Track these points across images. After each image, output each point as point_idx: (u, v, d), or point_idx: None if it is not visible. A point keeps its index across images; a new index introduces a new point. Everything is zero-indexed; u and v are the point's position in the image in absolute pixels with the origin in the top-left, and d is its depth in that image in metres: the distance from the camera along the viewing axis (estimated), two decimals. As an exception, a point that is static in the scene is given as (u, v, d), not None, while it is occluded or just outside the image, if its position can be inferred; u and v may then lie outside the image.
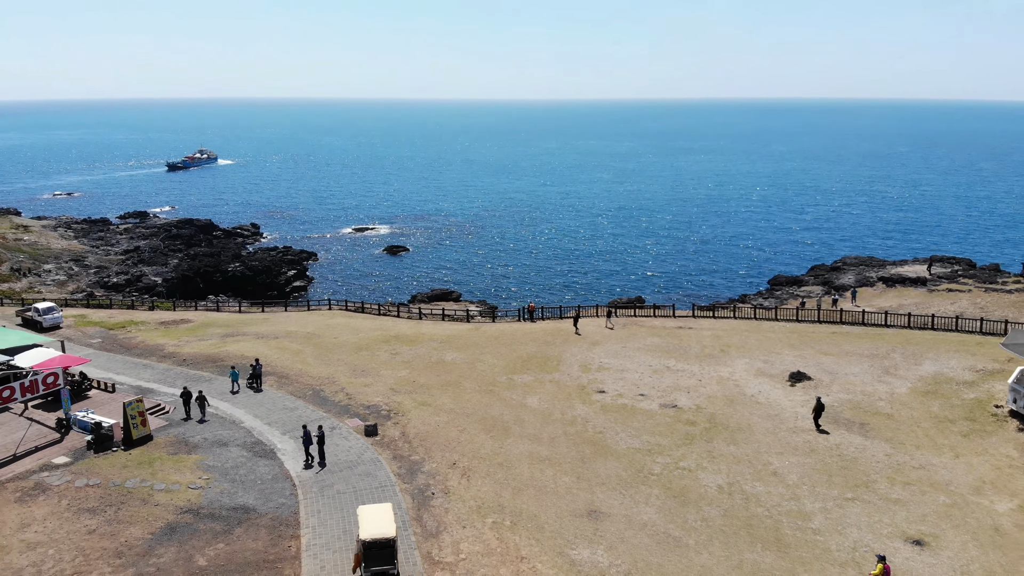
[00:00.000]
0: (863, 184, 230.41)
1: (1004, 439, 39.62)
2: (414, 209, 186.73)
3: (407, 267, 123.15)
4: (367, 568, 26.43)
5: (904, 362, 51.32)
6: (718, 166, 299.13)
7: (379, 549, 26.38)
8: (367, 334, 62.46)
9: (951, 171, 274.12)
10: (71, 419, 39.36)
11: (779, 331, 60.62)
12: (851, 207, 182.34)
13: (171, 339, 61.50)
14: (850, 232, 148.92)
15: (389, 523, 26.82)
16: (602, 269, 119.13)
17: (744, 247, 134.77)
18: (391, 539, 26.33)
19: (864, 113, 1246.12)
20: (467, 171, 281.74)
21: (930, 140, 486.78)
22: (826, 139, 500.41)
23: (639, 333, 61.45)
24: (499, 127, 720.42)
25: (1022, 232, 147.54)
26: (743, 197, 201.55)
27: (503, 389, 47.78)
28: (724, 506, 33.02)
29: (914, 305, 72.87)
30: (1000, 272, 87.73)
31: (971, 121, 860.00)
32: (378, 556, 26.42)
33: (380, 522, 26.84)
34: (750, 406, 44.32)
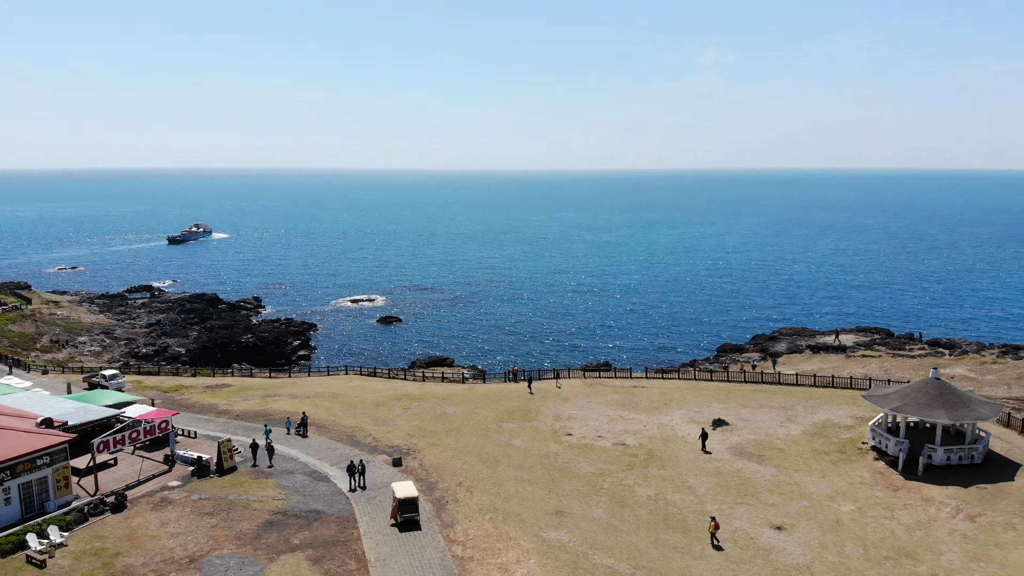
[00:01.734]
0: (820, 257, 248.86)
1: (862, 466, 54.30)
2: (405, 281, 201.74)
3: (401, 336, 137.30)
4: (401, 514, 43.93)
5: (803, 412, 66.25)
6: (689, 239, 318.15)
7: (407, 504, 44.09)
8: (382, 393, 76.56)
9: (909, 242, 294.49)
10: (175, 455, 53.08)
11: (712, 389, 75.51)
12: (804, 279, 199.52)
13: (220, 399, 75.28)
14: (795, 303, 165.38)
15: (412, 489, 45.10)
16: (576, 336, 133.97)
17: (702, 317, 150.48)
18: (415, 497, 44.44)
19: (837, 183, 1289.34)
20: (454, 244, 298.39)
21: (896, 211, 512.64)
22: (795, 210, 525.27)
23: (602, 391, 76.03)
24: (483, 198, 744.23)
25: (955, 302, 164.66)
26: (708, 270, 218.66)
27: (494, 433, 61.97)
28: (650, 508, 47.28)
29: (831, 369, 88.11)
30: (911, 340, 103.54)
31: (939, 191, 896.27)
32: (407, 507, 44.12)
33: (406, 488, 45.24)
34: (679, 444, 58.84)
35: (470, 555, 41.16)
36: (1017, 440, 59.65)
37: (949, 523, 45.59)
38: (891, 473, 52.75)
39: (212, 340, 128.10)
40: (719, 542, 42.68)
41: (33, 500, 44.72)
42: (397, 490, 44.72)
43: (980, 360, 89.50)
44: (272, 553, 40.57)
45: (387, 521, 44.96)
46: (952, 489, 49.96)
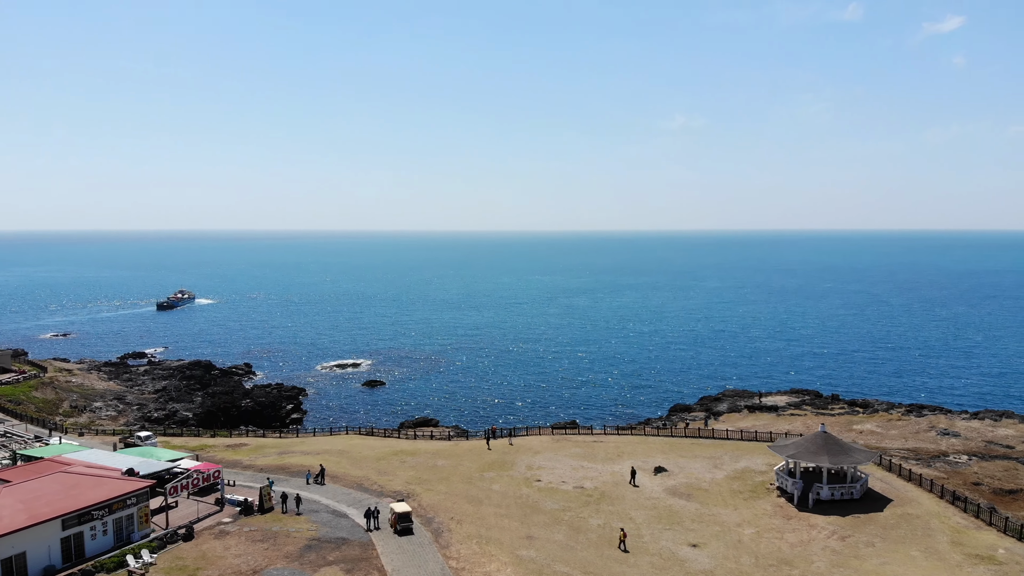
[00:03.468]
0: (775, 321, 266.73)
1: (767, 501, 69.11)
2: (386, 346, 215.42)
3: (387, 399, 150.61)
4: (400, 524, 59.91)
5: (728, 460, 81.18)
6: (657, 302, 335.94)
7: (403, 516, 61.04)
8: (380, 450, 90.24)
9: (864, 306, 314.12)
10: (224, 498, 66.44)
11: (659, 443, 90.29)
12: (756, 343, 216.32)
13: (242, 456, 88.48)
14: (744, 366, 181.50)
15: (406, 507, 61.38)
16: (548, 397, 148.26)
17: (660, 379, 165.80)
18: (408, 512, 61.68)
19: (800, 245, 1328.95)
20: (432, 309, 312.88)
21: (854, 274, 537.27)
22: (756, 273, 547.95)
23: (567, 445, 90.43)
24: (457, 260, 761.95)
25: (893, 365, 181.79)
26: (670, 334, 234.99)
27: (477, 480, 75.95)
28: (599, 533, 61.53)
29: (763, 426, 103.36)
30: (835, 400, 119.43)
31: (899, 252, 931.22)
32: (403, 519, 61.11)
33: (402, 506, 61.88)
34: (627, 487, 73.31)
35: (462, 567, 54.99)
36: (895, 481, 74.94)
37: (824, 542, 60.36)
38: (788, 507, 67.59)
39: (215, 405, 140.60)
40: (625, 546, 58.15)
41: (123, 531, 57.88)
42: (395, 507, 61.82)
43: (887, 417, 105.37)
44: (314, 567, 54.12)
45: (397, 539, 58.95)
46: (832, 518, 64.86)
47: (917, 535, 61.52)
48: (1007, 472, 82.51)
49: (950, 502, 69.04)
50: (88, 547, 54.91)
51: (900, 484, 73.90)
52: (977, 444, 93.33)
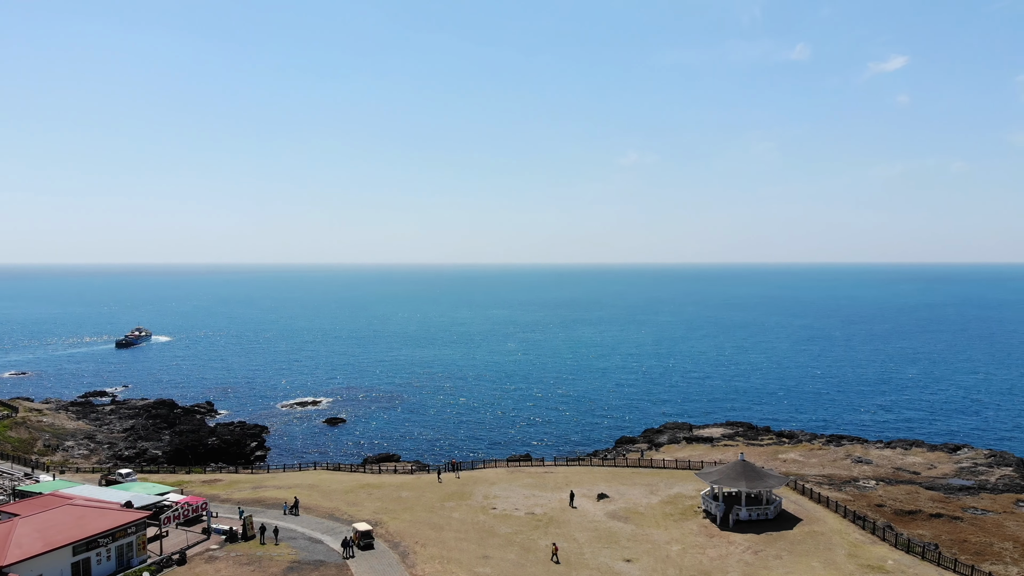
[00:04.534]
0: (720, 355, 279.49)
1: (694, 522, 78.72)
2: (345, 382, 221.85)
3: (348, 435, 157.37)
4: (362, 540, 68.56)
5: (663, 487, 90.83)
6: (610, 337, 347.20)
7: (365, 534, 70.65)
8: (347, 483, 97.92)
9: (807, 340, 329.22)
10: (211, 528, 73.71)
11: (603, 473, 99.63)
12: (702, 376, 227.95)
13: (219, 491, 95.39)
14: (688, 399, 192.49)
15: (368, 526, 69.58)
16: (504, 430, 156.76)
17: (609, 412, 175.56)
18: (370, 530, 71.94)
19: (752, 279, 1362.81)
20: (390, 344, 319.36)
21: (801, 308, 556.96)
22: (707, 308, 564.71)
23: (521, 476, 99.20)
24: (415, 294, 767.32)
25: (824, 398, 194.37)
26: (622, 367, 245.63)
27: (438, 509, 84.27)
28: (547, 552, 70.35)
29: (699, 455, 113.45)
30: (766, 431, 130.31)
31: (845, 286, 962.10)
32: (365, 536, 70.68)
33: (364, 525, 69.61)
34: (571, 512, 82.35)
35: (427, 583, 63.37)
36: (806, 503, 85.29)
37: (739, 556, 70.02)
38: (712, 527, 77.28)
39: (183, 443, 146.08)
40: (558, 558, 67.55)
41: (124, 557, 64.98)
42: (357, 527, 71.98)
43: (810, 447, 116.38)
44: (297, 585, 61.98)
45: (369, 560, 67.03)
46: (749, 535, 74.66)
47: (819, 549, 71.57)
48: (909, 495, 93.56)
49: (852, 521, 79.43)
50: (95, 571, 61.97)
51: (811, 506, 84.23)
52: (887, 470, 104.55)
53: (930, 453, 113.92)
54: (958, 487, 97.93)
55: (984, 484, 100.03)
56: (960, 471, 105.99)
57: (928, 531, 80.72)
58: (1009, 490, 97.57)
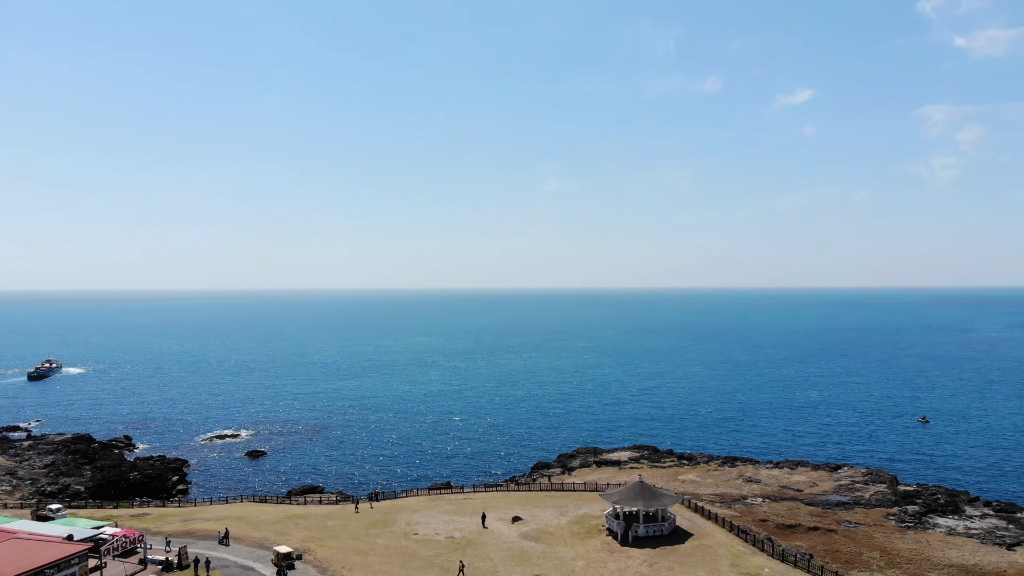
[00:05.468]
0: (634, 379, 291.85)
1: (598, 540, 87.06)
2: (265, 414, 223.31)
3: (271, 468, 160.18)
4: (284, 562, 74.24)
5: (572, 508, 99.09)
6: (532, 362, 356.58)
7: (286, 556, 75.68)
8: (274, 514, 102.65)
9: (715, 364, 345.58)
10: (147, 559, 77.86)
11: (518, 497, 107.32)
12: (615, 401, 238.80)
13: (149, 524, 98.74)
14: (601, 422, 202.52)
15: (288, 548, 76.13)
16: (425, 459, 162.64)
17: (527, 439, 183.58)
18: (291, 552, 77.84)
19: (670, 303, 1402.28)
20: (310, 374, 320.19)
21: (715, 332, 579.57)
22: (627, 334, 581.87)
23: (441, 503, 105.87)
24: (337, 322, 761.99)
25: (729, 421, 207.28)
26: (541, 393, 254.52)
27: (363, 536, 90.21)
28: (467, 573, 77.32)
29: (607, 478, 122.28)
30: (670, 454, 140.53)
31: (758, 311, 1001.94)
32: (286, 558, 77.21)
33: (284, 548, 76.27)
34: (488, 534, 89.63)
35: (354, 603, 69.49)
36: (698, 520, 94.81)
37: (636, 568, 78.52)
38: (613, 543, 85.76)
39: (105, 478, 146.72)
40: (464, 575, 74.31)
41: (65, 590, 68.86)
42: (279, 549, 78.32)
43: (707, 468, 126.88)
44: (232, 609, 67.19)
45: (299, 586, 72.84)
46: (646, 550, 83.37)
47: (706, 560, 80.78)
48: (790, 510, 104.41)
49: (737, 535, 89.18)
50: (38, 603, 65.77)
51: (702, 522, 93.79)
52: (773, 488, 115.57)
53: (813, 472, 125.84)
54: (835, 503, 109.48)
55: (859, 500, 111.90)
56: (839, 488, 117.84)
57: (805, 543, 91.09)
58: (881, 505, 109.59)
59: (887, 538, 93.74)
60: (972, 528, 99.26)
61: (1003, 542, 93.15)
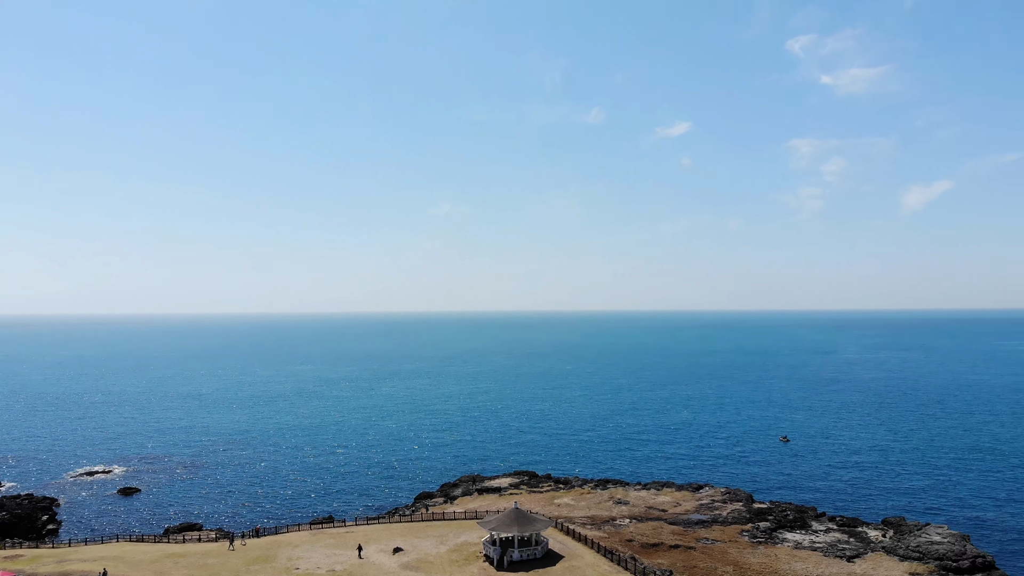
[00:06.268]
0: (525, 403, 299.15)
1: (476, 566, 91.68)
2: (138, 450, 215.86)
3: (146, 505, 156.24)
4: None
5: (452, 536, 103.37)
6: (419, 390, 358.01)
7: None
8: (152, 554, 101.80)
9: (597, 387, 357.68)
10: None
11: (400, 528, 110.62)
12: (500, 427, 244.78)
13: (23, 566, 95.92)
14: (485, 449, 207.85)
15: None
16: (306, 493, 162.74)
17: (410, 468, 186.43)
18: None
19: (554, 326, 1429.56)
20: (184, 407, 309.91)
21: (595, 355, 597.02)
22: (513, 358, 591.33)
23: (323, 538, 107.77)
24: (211, 349, 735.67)
25: (608, 443, 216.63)
26: (428, 420, 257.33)
27: (244, 573, 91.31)
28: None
29: (487, 505, 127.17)
30: (548, 479, 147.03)
31: (639, 333, 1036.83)
32: None
33: None
34: (368, 566, 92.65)
35: (235, 639, 71.21)
36: (570, 542, 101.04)
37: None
38: (490, 568, 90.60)
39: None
40: None
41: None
42: None
43: (581, 492, 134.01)
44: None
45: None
46: (519, 573, 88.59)
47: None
48: (654, 530, 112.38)
49: (604, 555, 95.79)
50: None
51: (573, 544, 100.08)
52: (640, 509, 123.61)
53: (678, 492, 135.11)
54: (696, 521, 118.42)
55: (717, 518, 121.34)
56: (700, 507, 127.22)
57: (666, 560, 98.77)
58: (736, 522, 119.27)
59: (740, 553, 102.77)
60: (817, 542, 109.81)
61: (844, 555, 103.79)
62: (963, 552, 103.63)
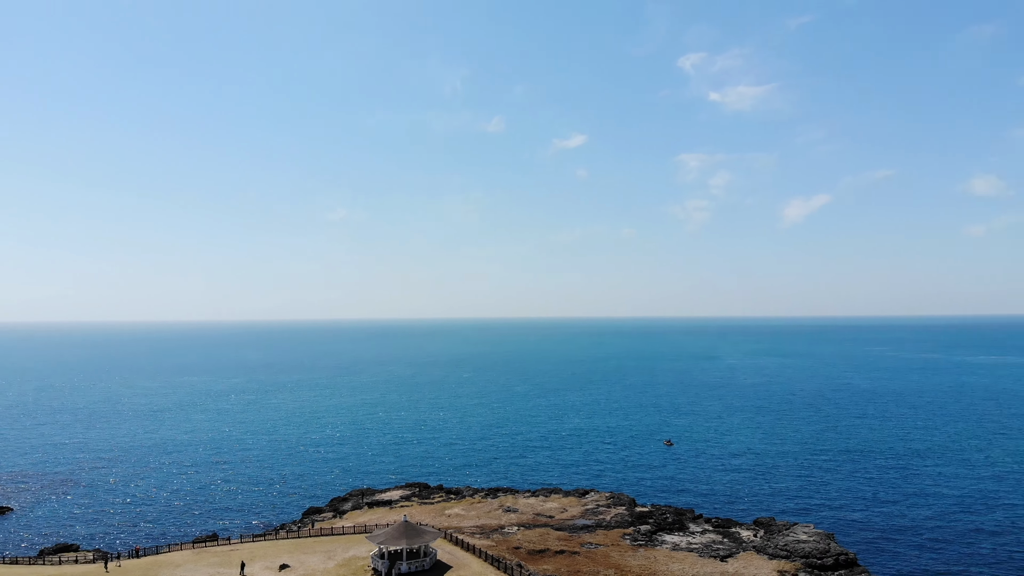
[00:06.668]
0: (419, 413, 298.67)
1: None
2: (8, 467, 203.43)
3: (17, 526, 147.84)
4: None
5: (341, 551, 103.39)
6: (312, 401, 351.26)
7: None
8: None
9: (492, 394, 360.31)
10: None
11: (287, 544, 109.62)
12: (393, 438, 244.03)
13: None
14: (376, 462, 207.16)
15: None
16: (189, 510, 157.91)
17: (300, 482, 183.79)
18: None
19: (451, 334, 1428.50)
20: (60, 420, 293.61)
21: (496, 363, 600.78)
22: (410, 367, 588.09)
23: (207, 556, 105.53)
24: (87, 359, 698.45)
25: (501, 450, 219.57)
26: (318, 434, 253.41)
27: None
28: (228, 623, 79.22)
29: (378, 519, 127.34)
30: (439, 489, 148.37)
31: (534, 341, 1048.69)
32: None
33: None
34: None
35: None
36: (458, 552, 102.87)
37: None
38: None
39: None
40: None
41: None
42: None
43: (471, 502, 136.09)
44: None
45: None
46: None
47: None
48: (541, 537, 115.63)
49: (491, 563, 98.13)
50: None
51: (461, 554, 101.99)
52: (529, 516, 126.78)
53: (565, 498, 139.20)
54: (580, 526, 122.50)
55: (601, 522, 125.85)
56: (585, 512, 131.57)
57: (551, 565, 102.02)
58: (619, 526, 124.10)
59: (621, 556, 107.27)
60: (693, 543, 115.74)
61: (718, 555, 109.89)
62: (827, 550, 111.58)
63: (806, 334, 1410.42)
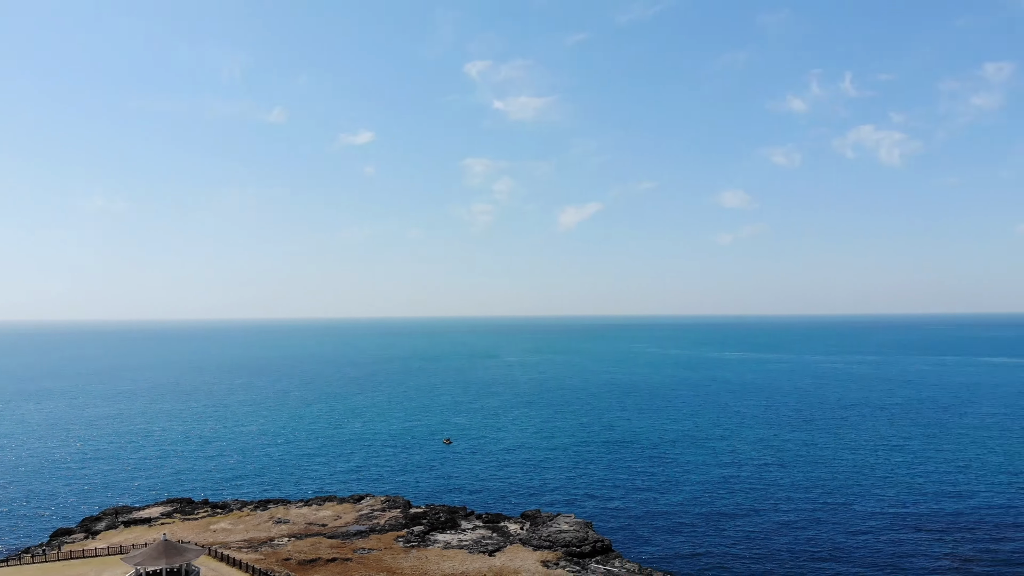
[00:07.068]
0: (185, 423, 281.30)
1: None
2: None
3: None
4: None
5: (93, 575, 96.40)
6: (60, 413, 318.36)
7: None
8: None
9: (262, 401, 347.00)
10: None
11: (32, 570, 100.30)
12: (155, 450, 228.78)
13: None
14: (133, 477, 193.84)
15: None
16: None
17: (45, 503, 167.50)
18: None
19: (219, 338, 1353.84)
20: None
21: (270, 367, 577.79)
22: (175, 372, 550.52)
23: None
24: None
25: (269, 459, 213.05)
26: (66, 452, 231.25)
27: None
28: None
29: (136, 538, 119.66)
30: (205, 504, 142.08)
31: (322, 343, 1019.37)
32: None
33: None
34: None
35: None
36: (224, 568, 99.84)
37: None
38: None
39: None
40: None
41: None
42: None
43: (240, 515, 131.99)
44: None
45: None
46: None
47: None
48: (312, 546, 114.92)
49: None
50: None
51: (227, 570, 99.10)
52: (301, 526, 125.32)
53: (339, 505, 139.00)
54: (354, 532, 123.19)
55: (375, 527, 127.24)
56: (360, 518, 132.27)
57: (322, 574, 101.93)
58: (393, 529, 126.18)
59: (394, 559, 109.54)
60: (464, 540, 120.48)
61: (487, 549, 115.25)
62: (585, 538, 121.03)
63: (578, 332, 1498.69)
